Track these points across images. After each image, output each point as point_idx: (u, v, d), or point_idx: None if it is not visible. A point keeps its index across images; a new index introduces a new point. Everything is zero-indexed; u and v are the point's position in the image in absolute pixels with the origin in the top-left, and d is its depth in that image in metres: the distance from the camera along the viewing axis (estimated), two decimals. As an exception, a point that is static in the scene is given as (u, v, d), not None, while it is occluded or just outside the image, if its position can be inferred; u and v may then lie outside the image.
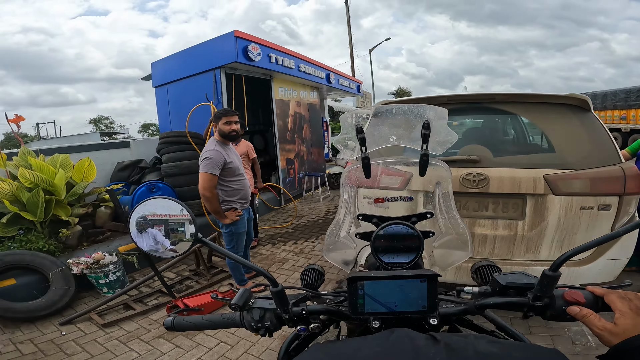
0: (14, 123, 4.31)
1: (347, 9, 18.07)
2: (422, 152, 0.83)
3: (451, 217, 0.93)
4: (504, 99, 2.24)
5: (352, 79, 9.74)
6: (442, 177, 0.96)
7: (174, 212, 0.73)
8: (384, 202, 1.03)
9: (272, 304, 0.72)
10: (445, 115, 0.89)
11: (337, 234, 0.97)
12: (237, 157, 2.92)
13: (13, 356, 2.31)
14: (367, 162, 0.85)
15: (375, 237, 0.80)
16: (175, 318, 0.77)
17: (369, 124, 0.94)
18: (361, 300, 0.66)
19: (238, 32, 5.05)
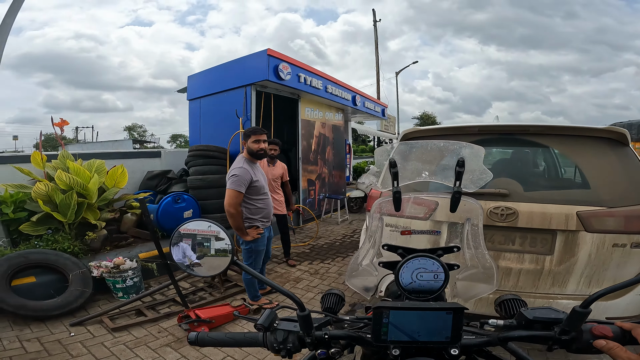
0: (59, 127, 4.57)
1: (375, 31, 18.44)
2: (455, 189, 0.84)
3: (479, 251, 0.93)
4: (538, 130, 2.17)
5: (377, 102, 9.78)
6: (473, 214, 0.96)
7: (202, 228, 0.78)
8: (410, 235, 1.02)
9: (296, 326, 0.73)
10: (482, 154, 0.91)
11: (361, 261, 0.97)
12: (263, 176, 2.95)
13: (16, 353, 2.31)
14: (398, 196, 0.87)
15: (400, 269, 0.80)
16: (199, 333, 0.78)
17: (402, 158, 0.95)
18: (385, 328, 0.66)
19: (271, 51, 5.15)
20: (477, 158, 0.89)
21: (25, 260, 2.93)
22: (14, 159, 4.21)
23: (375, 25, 18.47)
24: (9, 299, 2.65)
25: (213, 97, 6.02)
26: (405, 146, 0.97)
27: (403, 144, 0.98)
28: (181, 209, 4.51)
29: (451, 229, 1.92)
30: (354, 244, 5.27)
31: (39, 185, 3.48)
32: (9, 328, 2.63)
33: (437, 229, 1.02)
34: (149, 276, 3.62)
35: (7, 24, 3.71)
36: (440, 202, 1.91)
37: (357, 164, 13.14)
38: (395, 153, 0.93)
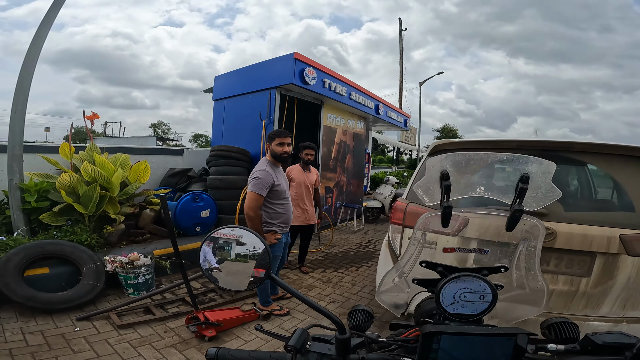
0: (90, 120, 4.65)
1: (401, 40, 18.25)
2: (516, 207, 0.78)
3: (530, 273, 0.88)
4: (584, 148, 2.01)
5: (400, 111, 9.57)
6: (533, 235, 0.88)
7: (225, 232, 0.73)
8: (454, 252, 0.93)
9: (330, 349, 0.67)
10: (552, 170, 0.82)
11: (395, 277, 0.93)
12: (285, 180, 2.87)
13: (17, 346, 2.24)
14: (449, 211, 0.81)
15: (442, 288, 0.73)
16: (220, 350, 0.72)
17: (456, 171, 0.86)
18: (434, 354, 0.60)
19: (297, 55, 5.08)
20: (545, 175, 0.81)
21: (41, 250, 2.89)
22: (42, 149, 4.28)
23: (401, 34, 18.29)
24: (19, 290, 2.60)
25: (238, 99, 6.02)
26: (462, 157, 0.87)
27: (460, 155, 0.87)
28: (199, 208, 4.47)
29: (488, 247, 1.81)
30: (369, 254, 5.10)
31: (63, 176, 3.51)
32: (14, 319, 2.57)
33: (484, 248, 0.91)
34: (161, 274, 3.55)
35: (49, 18, 3.77)
36: (471, 218, 1.81)
37: (375, 174, 12.92)
38: (449, 164, 0.84)
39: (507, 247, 0.92)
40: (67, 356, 2.17)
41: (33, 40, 3.66)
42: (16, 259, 2.72)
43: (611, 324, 1.74)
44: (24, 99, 3.58)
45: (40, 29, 3.70)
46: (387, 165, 23.22)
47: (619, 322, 1.74)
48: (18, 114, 3.53)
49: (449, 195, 0.81)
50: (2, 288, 2.55)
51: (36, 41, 3.66)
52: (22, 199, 3.45)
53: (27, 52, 3.63)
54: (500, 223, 0.90)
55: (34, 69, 3.66)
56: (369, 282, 3.94)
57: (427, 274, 0.80)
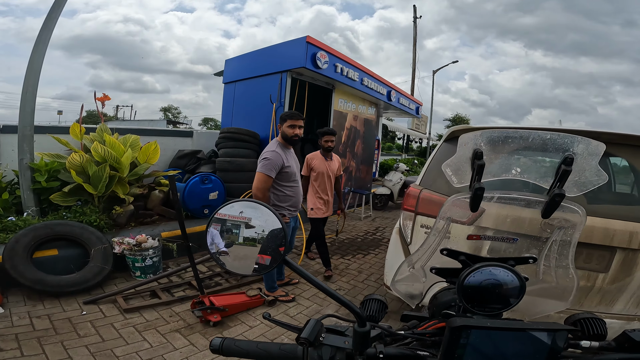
0: (100, 101, 4.60)
1: (415, 27, 17.68)
2: (556, 191, 0.69)
3: (562, 266, 0.81)
4: (612, 139, 1.88)
5: (412, 99, 9.30)
6: (572, 224, 0.79)
7: (233, 214, 0.67)
8: (479, 240, 0.85)
9: (346, 342, 0.62)
10: (601, 152, 0.71)
11: (412, 265, 0.86)
12: (295, 162, 2.77)
13: (23, 330, 2.22)
14: (480, 193, 0.73)
15: (466, 278, 0.67)
16: (225, 340, 0.67)
17: (491, 150, 0.77)
18: (461, 350, 0.53)
19: (310, 38, 4.93)
20: (592, 156, 0.71)
21: (50, 231, 2.86)
22: (53, 129, 4.25)
23: (415, 21, 17.71)
24: (28, 273, 2.58)
25: (248, 82, 5.91)
26: (500, 134, 0.77)
27: (497, 131, 0.77)
28: (207, 190, 4.42)
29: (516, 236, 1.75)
30: (376, 241, 5.02)
31: (73, 155, 3.46)
32: (22, 303, 2.56)
33: (512, 236, 0.82)
34: (169, 256, 3.53)
35: (59, 2, 3.68)
36: (487, 207, 1.72)
37: (385, 160, 12.72)
38: (484, 142, 0.74)
39: (537, 238, 0.84)
40: (73, 340, 2.16)
41: (44, 23, 3.61)
42: (25, 240, 2.69)
43: (623, 321, 1.71)
44: (34, 80, 3.53)
45: (52, 11, 3.64)
46: (396, 152, 22.91)
47: (632, 319, 1.71)
48: (29, 95, 3.49)
49: (481, 176, 0.73)
50: (11, 271, 2.53)
51: (47, 23, 3.61)
52: (33, 178, 3.43)
53: (39, 34, 3.57)
54: (517, 212, 0.83)
55: (45, 51, 3.60)
56: (376, 270, 3.88)
57: (445, 263, 0.74)
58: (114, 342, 2.19)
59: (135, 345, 2.17)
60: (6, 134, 3.90)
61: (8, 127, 3.95)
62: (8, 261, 2.55)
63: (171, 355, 2.10)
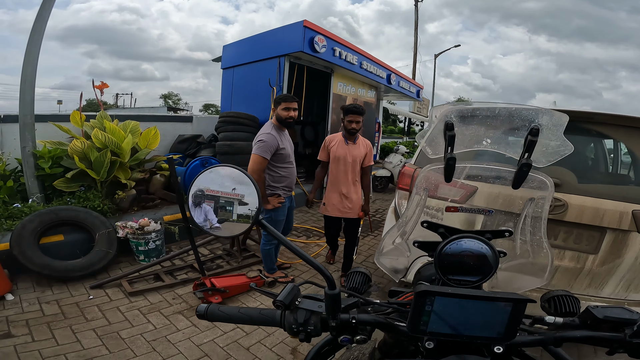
0: (99, 89, 4.59)
1: (417, 11, 17.20)
2: (523, 161, 0.71)
3: (535, 240, 0.82)
4: (604, 120, 1.88)
5: (413, 82, 9.18)
6: (540, 195, 0.81)
7: (226, 190, 0.70)
8: (457, 212, 0.86)
9: (320, 306, 0.64)
10: (565, 122, 0.74)
11: (395, 238, 0.88)
12: (290, 144, 2.80)
13: (34, 316, 2.30)
14: (452, 163, 0.74)
15: (442, 250, 0.69)
16: (210, 306, 0.70)
17: (461, 122, 0.78)
18: (426, 317, 0.56)
19: (307, 23, 4.87)
20: (556, 127, 0.73)
21: (55, 217, 2.91)
22: (54, 118, 4.26)
23: (417, 4, 17.20)
24: (36, 258, 2.64)
25: (246, 67, 5.86)
26: (468, 108, 0.79)
27: (466, 105, 0.80)
28: (208, 174, 4.45)
29: (492, 214, 1.75)
30: (375, 223, 5.06)
31: (75, 142, 3.49)
32: (32, 289, 2.63)
33: (488, 208, 0.85)
34: (171, 240, 3.60)
35: None
36: (480, 186, 1.74)
37: (385, 143, 12.67)
38: (454, 114, 0.75)
39: (512, 211, 0.87)
40: (81, 324, 2.25)
41: (39, 13, 3.58)
42: (31, 226, 2.75)
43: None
44: (32, 70, 3.54)
45: (45, 2, 3.60)
46: (398, 135, 22.76)
47: (621, 304, 1.69)
48: (28, 84, 3.51)
49: (452, 147, 0.74)
50: (19, 256, 2.60)
51: (42, 13, 3.57)
52: (36, 165, 3.48)
53: (33, 25, 3.55)
54: (507, 191, 0.85)
55: (40, 42, 3.59)
56: (374, 252, 3.94)
57: (428, 236, 0.75)
58: (120, 324, 2.27)
59: (140, 327, 2.25)
60: (7, 123, 3.93)
61: (9, 116, 3.97)
62: (16, 247, 2.62)
63: (174, 336, 2.18)
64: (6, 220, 2.99)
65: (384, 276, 3.07)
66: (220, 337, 2.20)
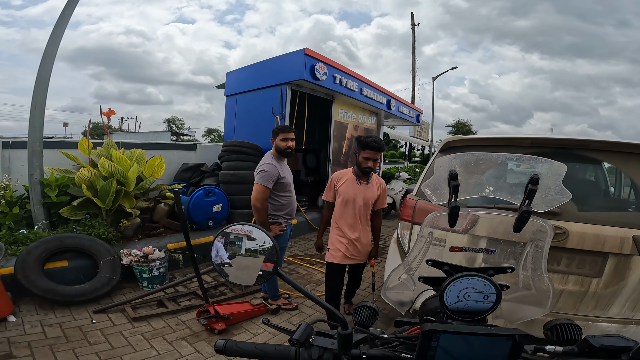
0: (106, 116, 4.74)
1: (413, 34, 17.91)
2: (524, 208, 0.76)
3: (537, 275, 0.86)
4: (600, 147, 1.93)
5: (412, 107, 9.41)
6: (541, 237, 0.86)
7: (235, 227, 0.75)
8: (460, 251, 0.91)
9: (333, 344, 0.69)
10: (563, 172, 0.79)
11: (401, 275, 0.92)
12: (289, 173, 2.91)
13: (36, 338, 2.30)
14: (456, 211, 0.80)
15: (447, 287, 0.72)
16: (227, 342, 0.74)
17: (464, 171, 0.85)
18: (432, 352, 0.59)
19: (308, 50, 5.04)
20: (555, 176, 0.79)
21: (60, 244, 2.96)
22: (62, 145, 4.38)
23: (414, 28, 17.96)
24: (40, 283, 2.67)
25: (249, 94, 6.02)
26: (471, 158, 0.86)
27: (469, 155, 0.86)
28: (211, 203, 4.51)
29: (494, 246, 1.76)
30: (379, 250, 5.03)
31: (82, 170, 3.58)
32: (34, 312, 2.65)
33: (492, 248, 0.90)
34: (174, 267, 3.61)
35: (65, 16, 3.81)
36: (481, 215, 1.76)
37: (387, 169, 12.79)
38: (458, 164, 0.82)
39: (514, 247, 0.91)
40: (84, 348, 2.24)
41: (50, 38, 3.70)
42: (36, 252, 2.79)
43: (620, 325, 1.71)
44: (42, 96, 3.64)
45: (57, 26, 3.74)
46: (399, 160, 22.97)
47: (628, 323, 1.71)
48: (38, 111, 3.60)
49: (457, 195, 0.80)
50: (23, 281, 2.63)
51: (53, 39, 3.71)
52: (43, 193, 3.54)
53: (45, 50, 3.67)
54: (510, 222, 0.88)
55: (51, 67, 3.71)
56: (378, 279, 3.90)
57: (433, 272, 0.79)
58: (123, 349, 2.26)
59: (143, 352, 2.24)
60: (15, 149, 4.02)
61: (17, 142, 4.07)
62: (20, 272, 2.66)
63: (178, 362, 2.15)
64: (11, 245, 3.03)
65: (386, 303, 3.04)
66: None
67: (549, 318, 0.79)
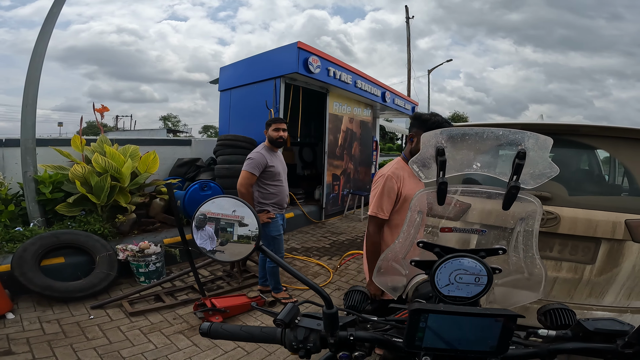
0: (99, 112, 4.73)
1: (408, 28, 17.84)
2: (512, 184, 0.74)
3: (528, 256, 0.84)
4: (590, 131, 1.94)
5: (408, 99, 9.42)
6: (530, 214, 0.84)
7: (226, 212, 0.73)
8: (451, 232, 0.90)
9: (319, 324, 0.67)
10: (549, 145, 0.77)
11: (392, 258, 0.90)
12: (282, 164, 3.05)
13: (34, 335, 2.34)
14: (444, 187, 0.77)
15: (437, 269, 0.72)
16: (212, 324, 0.73)
17: (452, 146, 0.83)
18: (421, 333, 0.59)
19: (301, 44, 5.06)
20: (542, 150, 0.76)
21: (56, 240, 2.99)
22: (55, 142, 4.38)
23: (408, 22, 17.88)
24: (37, 279, 2.71)
25: (243, 89, 6.03)
26: (458, 132, 0.83)
27: (455, 129, 0.84)
28: (207, 197, 4.46)
29: (487, 227, 1.78)
30: (376, 242, 5.10)
31: (76, 167, 3.59)
32: (32, 309, 2.68)
33: (482, 228, 0.90)
34: (171, 262, 3.65)
35: (53, 14, 3.80)
36: (473, 202, 1.78)
37: (384, 161, 12.86)
38: (445, 140, 0.81)
39: (505, 228, 0.89)
40: (82, 343, 2.28)
41: (39, 36, 3.71)
42: (33, 249, 2.82)
43: (615, 313, 1.70)
44: (33, 94, 3.65)
45: (45, 25, 3.75)
46: (396, 152, 23.03)
47: (624, 312, 1.70)
48: (29, 108, 3.61)
49: (444, 171, 0.78)
50: (20, 278, 2.67)
51: (42, 37, 3.71)
52: (37, 190, 3.56)
53: (34, 48, 3.68)
54: (499, 206, 0.85)
55: (41, 65, 3.71)
56: (375, 269, 3.97)
57: (425, 255, 0.78)
58: (121, 344, 2.30)
59: (141, 346, 2.28)
60: (9, 147, 4.03)
61: (10, 140, 4.08)
62: (17, 269, 2.69)
63: (175, 355, 2.20)
64: (7, 243, 3.05)
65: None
66: (221, 357, 2.22)
67: (544, 302, 0.80)
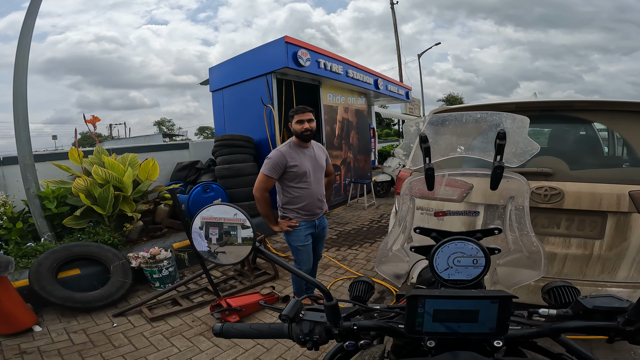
0: (91, 123, 4.73)
1: (394, 13, 17.72)
2: (496, 164, 0.76)
3: (524, 234, 0.85)
4: (584, 106, 1.96)
5: (400, 84, 9.42)
6: (518, 191, 0.86)
7: (228, 216, 0.75)
8: (445, 216, 0.93)
9: (323, 317, 0.70)
10: (526, 124, 0.80)
11: (391, 246, 0.91)
12: (312, 162, 2.49)
13: (64, 345, 2.41)
14: (431, 173, 0.79)
15: (435, 253, 0.73)
16: (224, 325, 0.76)
17: (434, 133, 0.85)
18: (420, 318, 0.62)
19: (288, 38, 5.06)
20: (520, 129, 0.79)
21: (69, 253, 3.05)
22: (52, 157, 4.39)
23: (393, 7, 17.77)
24: (56, 292, 2.79)
25: (235, 87, 6.02)
26: (437, 118, 0.87)
27: (435, 116, 0.87)
28: (210, 198, 4.58)
29: (489, 212, 1.80)
30: (382, 229, 5.17)
31: (78, 180, 3.63)
32: (57, 320, 2.76)
33: (473, 209, 0.91)
34: (182, 266, 3.72)
35: (28, 26, 3.71)
36: (475, 183, 1.81)
37: (382, 147, 12.91)
38: (426, 127, 0.84)
39: (497, 208, 0.92)
40: (110, 351, 2.35)
41: (18, 50, 3.64)
42: (47, 263, 2.89)
43: (630, 290, 1.68)
44: (23, 109, 3.62)
45: (22, 37, 3.68)
46: (393, 138, 23.05)
47: (638, 287, 1.67)
48: (21, 124, 3.59)
49: (430, 158, 0.79)
50: (40, 291, 2.74)
51: (21, 50, 3.65)
52: (43, 206, 3.60)
53: (16, 62, 3.61)
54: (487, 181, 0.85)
55: (26, 78, 3.67)
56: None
57: (425, 241, 0.79)
58: (146, 349, 2.37)
59: (165, 351, 2.35)
60: (8, 165, 4.05)
61: (8, 158, 4.10)
62: (35, 283, 2.77)
63: (199, 357, 2.27)
64: (21, 259, 3.12)
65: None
66: (242, 355, 2.27)
67: (549, 280, 0.80)
